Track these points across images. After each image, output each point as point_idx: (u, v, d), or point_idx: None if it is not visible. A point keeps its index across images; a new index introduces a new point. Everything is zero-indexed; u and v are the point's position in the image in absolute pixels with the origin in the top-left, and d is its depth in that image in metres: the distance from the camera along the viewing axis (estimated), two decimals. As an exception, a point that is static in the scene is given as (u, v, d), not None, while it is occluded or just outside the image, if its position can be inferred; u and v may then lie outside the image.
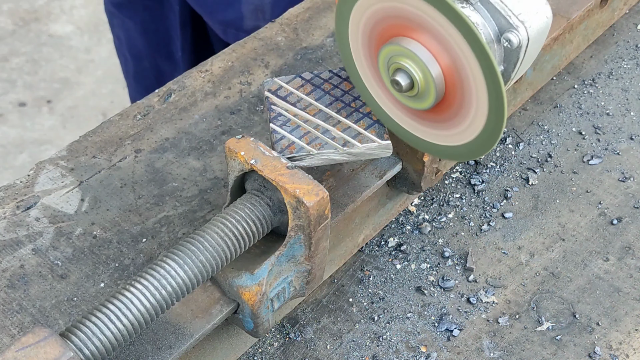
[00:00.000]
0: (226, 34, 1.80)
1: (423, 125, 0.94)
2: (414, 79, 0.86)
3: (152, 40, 1.93)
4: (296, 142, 0.95)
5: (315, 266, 0.93)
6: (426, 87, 0.87)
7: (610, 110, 1.31)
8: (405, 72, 0.87)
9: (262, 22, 1.70)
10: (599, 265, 1.10)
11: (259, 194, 0.91)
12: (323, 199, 0.86)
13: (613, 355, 1.00)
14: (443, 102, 0.89)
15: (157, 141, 1.26)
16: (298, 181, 0.87)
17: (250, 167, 0.89)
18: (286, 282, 0.93)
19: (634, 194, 1.18)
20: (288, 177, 0.87)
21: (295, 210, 0.87)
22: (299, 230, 0.89)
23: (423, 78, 0.86)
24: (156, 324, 0.91)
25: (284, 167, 0.88)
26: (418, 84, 0.87)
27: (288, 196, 0.87)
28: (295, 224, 0.88)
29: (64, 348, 0.75)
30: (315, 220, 0.87)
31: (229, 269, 0.90)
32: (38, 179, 1.21)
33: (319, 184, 0.87)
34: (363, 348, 1.03)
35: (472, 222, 1.16)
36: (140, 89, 2.06)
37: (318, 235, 0.89)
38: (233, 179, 0.93)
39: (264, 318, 0.92)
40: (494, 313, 1.05)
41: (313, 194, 0.86)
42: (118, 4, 1.89)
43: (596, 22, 1.35)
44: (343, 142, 0.95)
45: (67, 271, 1.09)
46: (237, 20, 1.75)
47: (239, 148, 0.90)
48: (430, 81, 0.86)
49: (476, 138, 0.89)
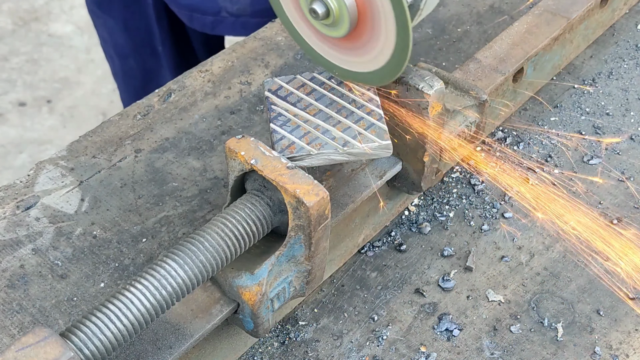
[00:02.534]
0: (192, 20, 1.79)
1: (339, 53, 1.01)
2: (330, 7, 0.95)
3: (135, 37, 1.94)
4: (296, 142, 0.95)
5: (315, 266, 0.92)
6: (340, 15, 0.95)
7: (610, 110, 1.31)
8: (321, 1, 0.95)
9: (228, 4, 1.70)
10: (599, 265, 1.10)
11: (259, 194, 0.91)
12: (323, 199, 0.86)
13: (613, 355, 1.00)
14: (356, 31, 0.97)
15: (157, 141, 1.26)
16: (298, 181, 0.87)
17: (250, 167, 0.89)
18: (286, 282, 0.93)
19: (634, 193, 1.18)
20: (288, 177, 0.87)
21: (295, 211, 0.87)
22: (299, 231, 0.88)
23: (337, 7, 0.94)
24: (156, 324, 0.91)
25: (284, 167, 0.88)
26: (333, 12, 0.95)
27: (288, 196, 0.87)
28: (296, 224, 0.88)
29: (64, 348, 0.75)
30: (315, 220, 0.87)
31: (229, 269, 0.90)
32: (38, 178, 1.21)
33: (319, 184, 0.87)
34: (363, 348, 1.03)
35: (472, 222, 1.16)
36: (129, 89, 2.07)
37: (318, 236, 0.89)
38: (233, 179, 0.92)
39: (264, 318, 0.92)
40: (494, 313, 1.05)
41: (313, 194, 0.86)
42: (98, 3, 1.90)
43: (596, 22, 1.35)
44: (343, 142, 0.95)
45: (67, 271, 1.09)
46: (200, 2, 1.74)
47: (239, 148, 0.90)
48: (344, 10, 0.94)
49: (384, 65, 0.97)
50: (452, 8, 1.51)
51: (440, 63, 1.39)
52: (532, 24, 1.24)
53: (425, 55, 1.41)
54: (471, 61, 1.18)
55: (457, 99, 1.10)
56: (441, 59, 1.40)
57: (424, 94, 0.99)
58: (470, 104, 1.09)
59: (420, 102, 1.00)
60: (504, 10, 1.50)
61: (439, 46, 1.43)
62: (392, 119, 1.03)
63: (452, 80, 1.11)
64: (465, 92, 1.10)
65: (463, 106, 1.09)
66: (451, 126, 1.08)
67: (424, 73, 1.01)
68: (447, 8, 1.51)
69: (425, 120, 1.01)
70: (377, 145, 0.95)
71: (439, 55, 1.41)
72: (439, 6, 1.51)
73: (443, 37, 1.45)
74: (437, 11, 1.50)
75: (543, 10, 1.26)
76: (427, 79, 1.00)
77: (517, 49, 1.20)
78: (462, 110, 1.09)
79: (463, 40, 1.44)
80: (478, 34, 1.45)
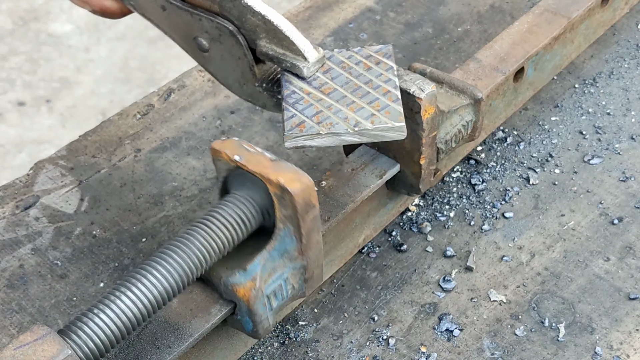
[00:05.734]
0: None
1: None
2: None
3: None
4: (306, 121, 0.93)
5: (310, 262, 0.91)
6: None
7: (611, 110, 1.31)
8: None
9: None
10: (600, 265, 1.10)
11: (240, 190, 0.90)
12: (307, 186, 0.85)
13: (614, 356, 1.00)
14: None
15: (157, 140, 1.26)
16: (281, 170, 0.86)
17: (234, 163, 0.88)
18: (282, 278, 0.92)
19: (635, 193, 1.18)
20: (271, 168, 0.86)
21: (280, 200, 0.86)
22: (287, 221, 0.87)
23: None
24: (155, 324, 0.90)
25: (268, 160, 0.87)
26: None
27: (272, 187, 0.85)
28: (283, 214, 0.87)
29: (62, 346, 0.75)
30: (302, 208, 0.85)
31: (223, 270, 0.90)
32: (37, 178, 1.20)
33: (303, 172, 0.86)
34: (363, 348, 1.02)
35: (472, 222, 1.15)
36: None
37: (308, 226, 0.88)
38: (221, 180, 0.92)
39: (262, 316, 0.91)
40: (495, 313, 1.05)
41: (297, 181, 0.85)
42: None
43: (597, 22, 1.35)
44: (355, 122, 0.93)
45: (66, 271, 1.09)
46: None
47: (223, 148, 0.89)
48: None
49: None
50: (452, 7, 1.50)
51: (440, 63, 1.39)
52: (533, 23, 1.23)
53: (425, 55, 1.41)
54: (471, 61, 1.18)
55: (452, 99, 1.09)
56: (441, 58, 1.40)
57: (415, 97, 0.98)
58: (466, 103, 1.09)
59: (412, 106, 0.99)
60: (505, 9, 1.49)
61: (439, 45, 1.43)
62: None
63: (447, 80, 1.10)
64: (460, 91, 1.10)
65: (459, 106, 1.08)
66: (447, 127, 1.08)
67: (414, 77, 1.00)
68: (447, 7, 1.50)
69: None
70: (389, 127, 0.92)
71: (439, 54, 1.41)
72: (439, 5, 1.51)
73: (443, 36, 1.45)
74: (438, 10, 1.50)
75: (544, 10, 1.26)
76: (418, 82, 0.99)
77: (517, 49, 1.20)
78: (458, 110, 1.08)
79: (463, 40, 1.44)
80: (478, 33, 1.45)
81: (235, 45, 0.94)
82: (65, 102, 3.27)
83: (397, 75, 0.98)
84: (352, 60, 1.00)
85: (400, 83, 0.99)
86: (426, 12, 1.50)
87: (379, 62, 0.99)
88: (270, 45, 0.92)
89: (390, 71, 0.98)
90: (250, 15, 0.90)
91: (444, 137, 1.07)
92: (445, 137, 1.07)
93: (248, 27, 0.92)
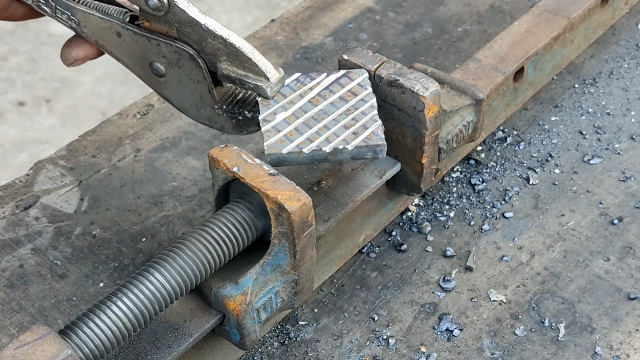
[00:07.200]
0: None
1: None
2: None
3: None
4: (286, 140, 0.94)
5: (302, 276, 0.91)
6: None
7: (611, 110, 1.31)
8: None
9: None
10: (600, 265, 1.10)
11: (241, 201, 0.91)
12: (305, 204, 0.85)
13: (614, 356, 1.00)
14: None
15: (157, 140, 1.26)
16: (280, 187, 0.86)
17: (232, 174, 0.88)
18: (272, 292, 0.92)
19: (635, 193, 1.18)
20: (270, 183, 0.86)
21: (277, 217, 0.86)
22: (282, 238, 0.87)
23: None
24: (155, 324, 0.90)
25: (266, 174, 0.87)
26: None
27: (270, 203, 0.85)
28: (279, 231, 0.87)
29: (62, 346, 0.75)
30: (298, 227, 0.85)
31: (214, 280, 0.90)
32: (37, 178, 1.20)
33: (301, 190, 0.86)
34: (363, 348, 1.02)
35: (472, 222, 1.15)
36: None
37: (303, 243, 0.87)
38: (217, 188, 0.92)
39: (250, 329, 0.91)
40: (495, 313, 1.05)
41: (295, 200, 0.85)
42: None
43: (597, 22, 1.35)
44: (336, 141, 0.94)
45: (66, 271, 1.09)
46: None
47: (221, 157, 0.89)
48: None
49: None
50: (452, 7, 1.50)
51: (440, 63, 1.39)
52: (533, 23, 1.23)
53: (425, 55, 1.41)
54: (471, 61, 1.18)
55: (454, 99, 1.09)
56: (441, 58, 1.40)
57: (419, 96, 0.99)
58: (467, 103, 1.09)
59: (416, 105, 1.00)
60: (505, 9, 1.49)
61: (439, 46, 1.43)
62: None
63: (448, 80, 1.10)
64: (461, 91, 1.10)
65: (460, 106, 1.08)
66: (448, 127, 1.08)
67: (418, 75, 1.00)
68: (447, 7, 1.50)
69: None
70: (371, 146, 0.93)
71: (439, 54, 1.41)
72: (439, 5, 1.51)
73: (443, 36, 1.45)
74: (438, 10, 1.50)
75: (543, 10, 1.26)
76: (422, 81, 1.00)
77: (517, 49, 1.20)
78: (459, 110, 1.09)
79: (463, 40, 1.44)
80: (478, 33, 1.45)
81: (195, 68, 0.94)
82: (65, 102, 3.26)
83: (395, 79, 0.99)
84: (330, 79, 1.01)
85: (404, 81, 0.99)
86: (426, 12, 1.50)
87: (353, 85, 1.01)
88: (231, 67, 0.92)
89: (368, 95, 1.00)
90: (210, 39, 0.90)
91: (446, 136, 1.07)
92: (447, 137, 1.07)
93: (208, 51, 0.92)
